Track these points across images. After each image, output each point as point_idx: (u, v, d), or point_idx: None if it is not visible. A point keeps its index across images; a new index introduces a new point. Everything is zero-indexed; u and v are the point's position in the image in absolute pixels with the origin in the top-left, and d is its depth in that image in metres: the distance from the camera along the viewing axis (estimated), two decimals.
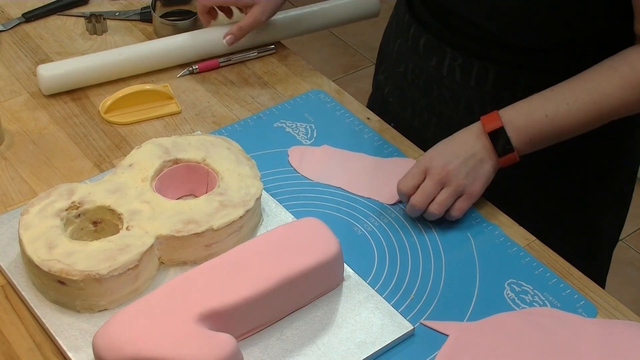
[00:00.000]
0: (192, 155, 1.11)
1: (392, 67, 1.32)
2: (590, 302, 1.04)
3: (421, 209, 1.09)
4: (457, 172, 1.09)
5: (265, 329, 0.99)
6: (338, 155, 1.22)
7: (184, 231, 1.02)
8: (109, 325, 0.93)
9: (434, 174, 1.09)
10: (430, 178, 1.09)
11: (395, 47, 1.31)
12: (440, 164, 1.09)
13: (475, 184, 1.10)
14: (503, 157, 1.10)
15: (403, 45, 1.28)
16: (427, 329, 1.01)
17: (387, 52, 1.35)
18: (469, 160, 1.09)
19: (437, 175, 1.08)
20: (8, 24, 1.44)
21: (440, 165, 1.09)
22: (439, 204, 1.09)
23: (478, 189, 1.10)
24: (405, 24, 1.28)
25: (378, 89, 1.38)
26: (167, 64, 1.37)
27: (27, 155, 1.22)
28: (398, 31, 1.30)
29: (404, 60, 1.28)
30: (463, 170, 1.09)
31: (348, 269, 1.05)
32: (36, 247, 1.00)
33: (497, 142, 1.09)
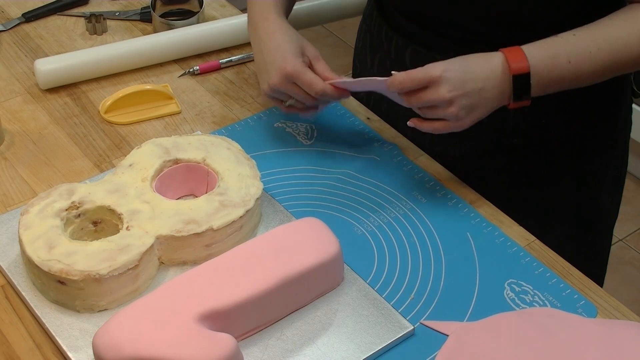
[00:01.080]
0: (192, 155, 1.11)
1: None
2: (590, 302, 1.04)
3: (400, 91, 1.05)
4: (458, 104, 1.03)
5: (265, 329, 0.99)
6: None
7: (184, 231, 1.02)
8: (109, 325, 0.93)
9: (434, 92, 1.03)
10: (428, 93, 1.03)
11: (375, 62, 1.29)
12: (446, 89, 1.02)
13: (470, 117, 1.05)
14: (515, 102, 1.06)
15: (385, 59, 1.26)
16: (427, 329, 1.01)
17: (364, 67, 1.33)
18: (474, 94, 1.04)
19: (437, 96, 1.02)
20: (8, 24, 1.44)
21: (444, 90, 1.02)
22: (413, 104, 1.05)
23: (468, 122, 1.06)
24: (384, 38, 1.26)
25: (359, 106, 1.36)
26: (165, 58, 1.37)
27: (27, 155, 1.22)
28: (375, 45, 1.28)
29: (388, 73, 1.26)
30: (465, 102, 1.03)
31: (348, 269, 1.05)
32: (36, 247, 1.00)
33: (517, 86, 1.04)
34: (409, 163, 1.21)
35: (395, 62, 1.24)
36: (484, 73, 1.05)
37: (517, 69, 1.04)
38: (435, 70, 1.03)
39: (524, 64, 1.04)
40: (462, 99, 1.03)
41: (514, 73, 1.04)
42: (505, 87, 1.05)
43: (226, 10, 1.50)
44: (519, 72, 1.04)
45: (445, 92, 1.02)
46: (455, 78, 1.03)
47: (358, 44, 1.36)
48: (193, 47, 1.38)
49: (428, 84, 1.03)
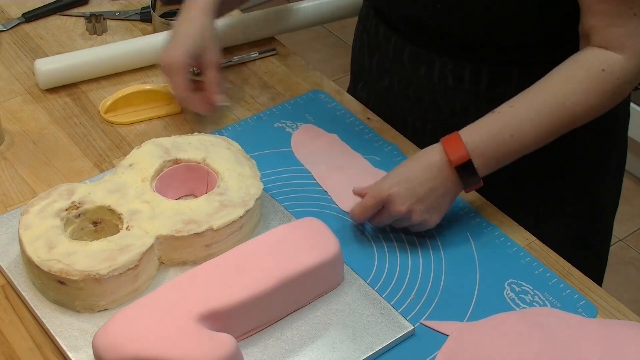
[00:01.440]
0: (192, 155, 1.11)
1: (373, 83, 1.30)
2: (590, 302, 1.04)
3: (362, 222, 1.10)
4: (417, 211, 1.05)
5: (265, 329, 0.99)
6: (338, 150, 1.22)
7: (184, 231, 1.02)
8: (109, 325, 0.93)
9: (391, 210, 1.06)
10: (386, 212, 1.06)
11: (373, 63, 1.29)
12: (399, 203, 1.05)
13: (433, 217, 1.07)
14: (468, 188, 1.07)
15: (383, 59, 1.26)
16: (427, 329, 1.01)
17: (362, 68, 1.33)
18: (430, 196, 1.05)
19: (394, 212, 1.06)
20: (8, 24, 1.44)
21: (398, 205, 1.05)
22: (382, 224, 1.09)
23: (435, 220, 1.08)
24: (382, 38, 1.26)
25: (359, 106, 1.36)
26: None
27: (27, 155, 1.22)
28: (373, 46, 1.28)
29: (387, 73, 1.25)
30: (422, 208, 1.05)
31: (348, 269, 1.05)
32: (36, 247, 1.00)
33: (463, 174, 1.05)
34: None
35: (395, 61, 1.24)
36: (428, 173, 1.05)
37: (457, 159, 1.05)
38: (382, 192, 1.06)
39: (463, 153, 1.04)
40: (419, 205, 1.05)
41: (455, 165, 1.05)
42: (454, 178, 1.06)
43: None
44: (459, 161, 1.05)
45: (399, 206, 1.05)
46: (403, 190, 1.05)
47: (355, 45, 1.36)
48: None
49: (382, 204, 1.06)
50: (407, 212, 1.05)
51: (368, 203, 1.07)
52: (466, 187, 1.07)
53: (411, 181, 1.05)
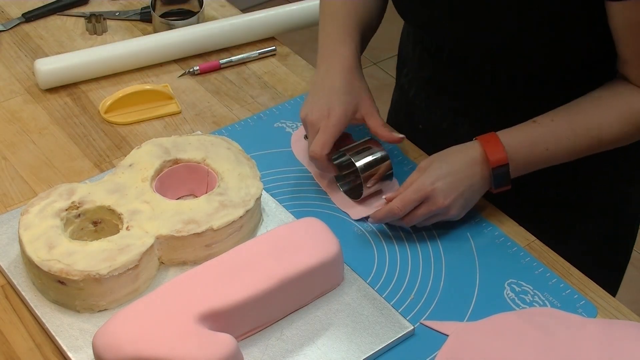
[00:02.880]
0: (192, 155, 1.11)
1: (416, 71, 1.30)
2: (590, 302, 1.04)
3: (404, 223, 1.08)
4: (454, 205, 1.07)
5: (265, 329, 0.99)
6: None
7: (184, 231, 1.02)
8: (109, 325, 0.93)
9: (432, 204, 1.06)
10: (427, 206, 1.06)
11: (416, 53, 1.28)
12: (442, 195, 1.06)
13: (463, 212, 1.09)
14: (497, 189, 1.09)
15: (424, 54, 1.26)
16: (427, 329, 1.01)
17: (407, 55, 1.33)
18: (467, 192, 1.07)
19: (435, 206, 1.06)
20: (8, 24, 1.44)
21: (442, 196, 1.06)
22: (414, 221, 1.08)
23: (462, 214, 1.09)
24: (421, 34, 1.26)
25: (402, 92, 1.35)
26: (165, 58, 1.37)
27: (27, 155, 1.22)
28: (417, 39, 1.27)
29: (428, 67, 1.25)
30: (459, 204, 1.07)
31: (348, 269, 1.05)
32: (36, 247, 1.00)
33: (497, 175, 1.07)
34: (410, 163, 1.21)
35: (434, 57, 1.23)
36: (470, 170, 1.07)
37: (496, 160, 1.07)
38: (426, 186, 1.06)
39: (502, 156, 1.07)
40: (459, 200, 1.07)
41: (493, 165, 1.07)
42: (488, 177, 1.08)
43: (226, 10, 1.50)
44: (497, 164, 1.07)
45: (442, 200, 1.06)
46: (446, 185, 1.06)
47: (404, 31, 1.35)
48: (193, 47, 1.38)
49: (424, 199, 1.06)
50: (447, 206, 1.06)
51: (412, 197, 1.06)
52: (496, 188, 1.09)
53: (454, 175, 1.07)
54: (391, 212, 1.07)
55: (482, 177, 1.08)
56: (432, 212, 1.07)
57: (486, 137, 1.08)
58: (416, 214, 1.07)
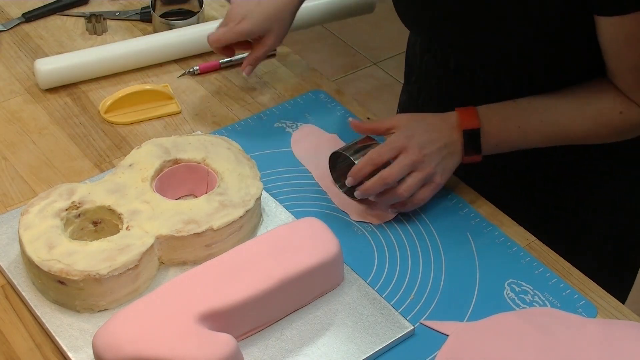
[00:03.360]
0: (192, 155, 1.11)
1: (424, 79, 1.31)
2: (590, 302, 1.04)
3: (390, 183, 1.08)
4: (430, 158, 1.09)
5: (265, 329, 0.99)
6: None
7: (184, 231, 1.02)
8: (109, 325, 0.93)
9: (411, 153, 1.08)
10: (406, 157, 1.08)
11: (423, 64, 1.29)
12: (417, 146, 1.08)
13: (443, 174, 1.10)
14: (468, 157, 1.11)
15: (432, 63, 1.27)
16: (427, 329, 1.01)
17: (415, 64, 1.33)
18: (442, 149, 1.09)
19: (413, 156, 1.08)
20: (8, 24, 1.44)
21: (417, 147, 1.08)
22: (409, 186, 1.08)
23: (444, 180, 1.11)
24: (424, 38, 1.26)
25: (411, 98, 1.36)
26: (165, 58, 1.37)
27: (27, 155, 1.22)
28: (425, 48, 1.28)
29: (436, 76, 1.26)
30: (436, 158, 1.09)
31: (348, 269, 1.05)
32: (36, 247, 1.00)
33: (468, 141, 1.10)
34: None
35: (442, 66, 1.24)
36: (444, 128, 1.11)
37: (468, 125, 1.10)
38: (402, 139, 1.09)
39: (475, 122, 1.10)
40: (434, 156, 1.09)
41: (464, 128, 1.10)
42: (460, 141, 1.11)
43: (226, 10, 1.49)
44: (469, 127, 1.10)
45: (418, 151, 1.08)
46: (422, 139, 1.09)
47: (411, 38, 1.35)
48: (193, 47, 1.38)
49: (398, 151, 1.08)
50: (421, 158, 1.07)
51: (389, 146, 1.08)
52: (465, 156, 1.11)
53: (429, 133, 1.09)
54: (370, 159, 1.09)
55: (456, 141, 1.10)
56: (405, 167, 1.07)
57: (464, 107, 1.12)
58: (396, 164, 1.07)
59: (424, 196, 1.10)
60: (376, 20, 3.01)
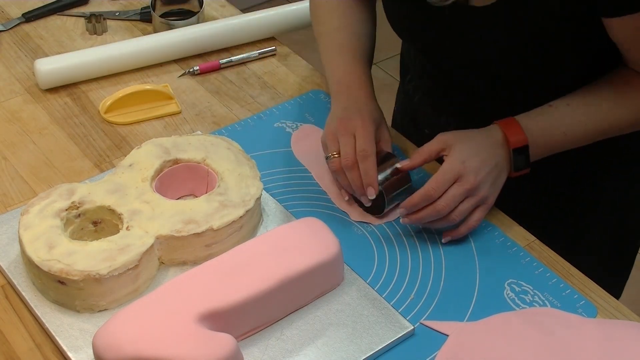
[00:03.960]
0: (192, 155, 1.11)
1: (419, 79, 1.30)
2: (590, 302, 1.04)
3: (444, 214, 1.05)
4: (485, 182, 1.06)
5: (265, 329, 0.99)
6: None
7: (184, 231, 1.02)
8: (109, 325, 0.93)
9: (465, 181, 1.05)
10: (460, 185, 1.05)
11: (417, 64, 1.29)
12: (473, 173, 1.05)
13: (494, 194, 1.08)
14: (516, 172, 1.09)
15: (426, 63, 1.26)
16: (427, 329, 1.01)
17: (409, 63, 1.33)
18: (494, 169, 1.07)
19: (468, 184, 1.05)
20: (8, 24, 1.44)
21: (473, 174, 1.05)
22: (461, 212, 1.06)
23: (494, 199, 1.09)
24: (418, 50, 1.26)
25: (407, 97, 1.35)
26: (165, 58, 1.37)
27: (27, 155, 1.22)
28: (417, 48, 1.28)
29: (430, 75, 1.25)
30: (489, 180, 1.06)
31: (348, 269, 1.05)
32: (36, 247, 1.00)
33: (518, 157, 1.08)
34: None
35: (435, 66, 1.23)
36: (495, 149, 1.07)
37: (516, 142, 1.07)
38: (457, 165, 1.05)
39: (522, 137, 1.07)
40: (488, 178, 1.06)
41: (513, 147, 1.07)
42: (508, 158, 1.08)
43: (226, 10, 1.50)
44: (517, 145, 1.07)
45: (473, 178, 1.05)
46: (476, 163, 1.06)
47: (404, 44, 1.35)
48: (193, 47, 1.38)
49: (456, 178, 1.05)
50: (478, 184, 1.05)
51: (444, 177, 1.05)
52: (515, 171, 1.09)
53: (480, 155, 1.06)
54: (427, 194, 1.05)
55: (504, 159, 1.08)
56: (465, 192, 1.05)
57: (504, 121, 1.09)
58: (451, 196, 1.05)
59: (478, 218, 1.08)
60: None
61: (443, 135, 1.08)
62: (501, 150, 1.08)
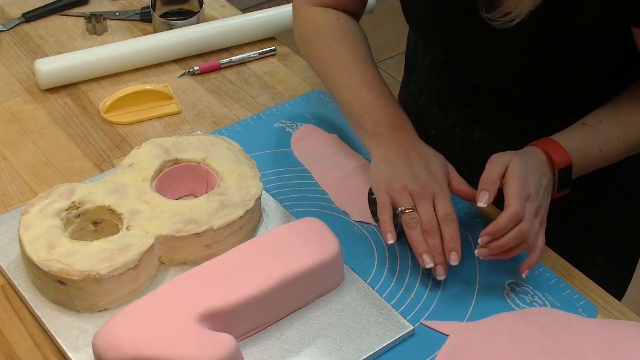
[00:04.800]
0: (192, 155, 1.11)
1: (426, 80, 1.29)
2: (590, 302, 1.04)
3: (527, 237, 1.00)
4: (544, 200, 1.03)
5: (265, 329, 0.99)
6: (338, 151, 1.22)
7: (184, 231, 1.02)
8: (109, 325, 0.93)
9: (533, 200, 1.01)
10: (531, 205, 1.00)
11: (426, 62, 1.28)
12: (535, 190, 1.01)
13: (546, 213, 1.04)
14: (559, 193, 1.07)
15: (434, 64, 1.25)
16: (427, 329, 1.01)
17: (416, 63, 1.32)
18: (547, 187, 1.04)
19: (536, 202, 1.01)
20: (8, 24, 1.44)
21: (535, 192, 1.02)
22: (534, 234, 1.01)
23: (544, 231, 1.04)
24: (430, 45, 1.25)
25: (412, 98, 1.34)
26: (165, 58, 1.37)
27: (27, 155, 1.22)
28: (427, 48, 1.27)
29: (439, 76, 1.24)
30: (546, 198, 1.04)
31: (348, 269, 1.05)
32: (36, 247, 1.00)
33: (562, 178, 1.05)
34: None
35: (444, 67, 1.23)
36: (542, 168, 1.04)
37: (561, 162, 1.05)
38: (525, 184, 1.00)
39: (566, 157, 1.05)
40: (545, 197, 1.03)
41: (559, 167, 1.05)
42: (552, 178, 1.06)
43: (226, 10, 1.50)
44: (563, 165, 1.05)
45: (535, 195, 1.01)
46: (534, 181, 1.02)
47: (410, 39, 1.33)
48: (193, 47, 1.38)
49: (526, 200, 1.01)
50: (539, 202, 1.01)
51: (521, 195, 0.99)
52: (558, 192, 1.06)
53: (537, 172, 1.03)
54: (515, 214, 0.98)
55: (551, 178, 1.05)
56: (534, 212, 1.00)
57: (543, 141, 1.06)
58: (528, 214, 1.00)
59: (543, 239, 1.03)
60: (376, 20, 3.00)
61: (497, 156, 1.04)
62: (548, 169, 1.05)
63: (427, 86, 1.29)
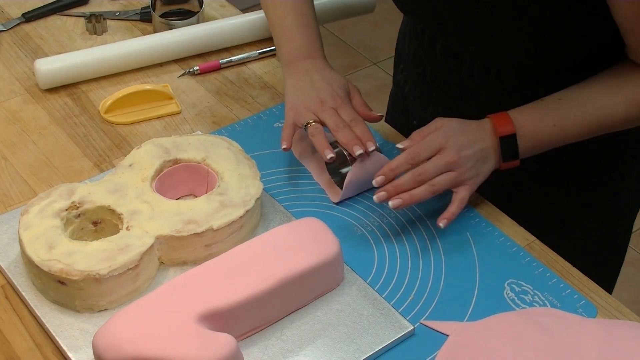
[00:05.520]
0: (192, 155, 1.11)
1: (410, 68, 1.31)
2: (590, 302, 1.04)
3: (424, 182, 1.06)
4: (467, 161, 1.07)
5: (265, 329, 0.99)
6: None
7: (184, 231, 1.02)
8: (109, 325, 0.93)
9: (447, 154, 1.06)
10: (442, 157, 1.06)
11: (411, 50, 1.30)
12: (455, 147, 1.06)
13: (476, 178, 1.09)
14: (505, 162, 1.10)
15: (419, 50, 1.27)
16: (427, 329, 1.01)
17: (403, 52, 1.34)
18: (478, 153, 1.08)
19: (450, 157, 1.06)
20: (8, 24, 1.44)
21: (455, 148, 1.06)
22: (441, 182, 1.06)
23: (477, 184, 1.09)
24: (420, 30, 1.26)
25: (398, 87, 1.37)
26: (165, 58, 1.37)
27: (27, 155, 1.22)
28: (412, 35, 1.29)
29: (421, 63, 1.26)
30: (471, 161, 1.08)
31: (348, 269, 1.05)
32: (36, 247, 1.00)
33: (505, 147, 1.09)
34: None
35: (428, 52, 1.24)
36: (481, 134, 1.09)
37: (504, 130, 1.09)
38: (440, 139, 1.07)
39: (509, 127, 1.09)
40: (470, 160, 1.08)
41: (500, 135, 1.09)
42: (497, 147, 1.09)
43: (226, 10, 1.50)
44: (505, 133, 1.09)
45: (454, 154, 1.06)
46: (460, 141, 1.07)
47: (402, 28, 1.36)
48: (193, 47, 1.38)
49: (435, 152, 1.07)
50: (459, 159, 1.06)
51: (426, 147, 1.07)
52: (503, 162, 1.10)
53: (467, 136, 1.08)
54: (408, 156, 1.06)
55: (492, 147, 1.09)
56: (446, 164, 1.06)
57: (495, 114, 1.11)
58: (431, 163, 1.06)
59: (463, 196, 1.08)
60: (376, 20, 3.01)
61: (440, 118, 1.10)
62: (489, 137, 1.09)
63: (412, 74, 1.31)
